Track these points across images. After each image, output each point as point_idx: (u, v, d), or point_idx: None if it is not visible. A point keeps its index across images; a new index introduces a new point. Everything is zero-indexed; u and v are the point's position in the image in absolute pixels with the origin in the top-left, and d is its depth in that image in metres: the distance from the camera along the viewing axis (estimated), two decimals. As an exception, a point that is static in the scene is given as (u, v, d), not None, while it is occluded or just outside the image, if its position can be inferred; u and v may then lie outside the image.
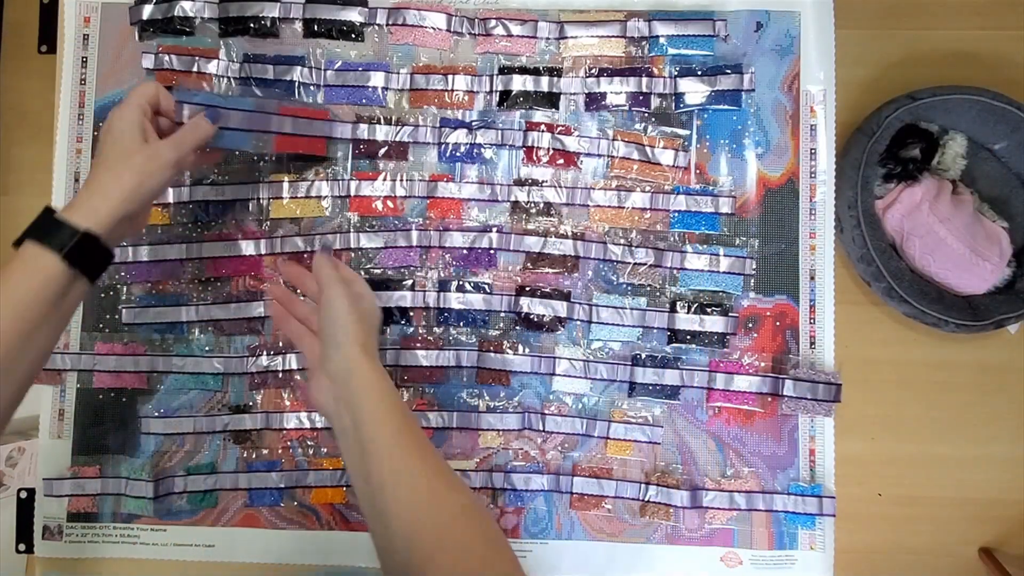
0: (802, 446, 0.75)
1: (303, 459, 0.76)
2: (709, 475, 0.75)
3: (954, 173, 0.76)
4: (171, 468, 0.75)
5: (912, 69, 0.78)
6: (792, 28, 0.77)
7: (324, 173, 0.76)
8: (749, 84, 0.76)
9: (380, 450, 0.50)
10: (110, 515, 0.75)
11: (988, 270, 0.73)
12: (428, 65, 0.77)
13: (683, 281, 0.76)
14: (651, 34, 0.77)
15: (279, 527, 0.75)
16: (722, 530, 0.74)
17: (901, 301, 0.71)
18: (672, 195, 0.75)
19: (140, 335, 0.76)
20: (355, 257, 0.76)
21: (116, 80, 0.78)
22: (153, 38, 0.78)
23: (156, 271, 0.76)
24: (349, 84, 0.77)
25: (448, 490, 0.49)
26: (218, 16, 0.77)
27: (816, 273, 0.76)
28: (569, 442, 0.75)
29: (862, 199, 0.72)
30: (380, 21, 0.77)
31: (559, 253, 0.76)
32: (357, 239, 0.76)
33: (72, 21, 0.78)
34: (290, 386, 0.76)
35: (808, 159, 0.76)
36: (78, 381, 0.76)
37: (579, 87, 0.76)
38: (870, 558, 0.76)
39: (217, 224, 0.77)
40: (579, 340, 0.76)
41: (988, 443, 0.76)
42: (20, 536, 0.76)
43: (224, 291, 0.76)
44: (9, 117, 0.82)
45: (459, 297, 0.75)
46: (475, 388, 0.76)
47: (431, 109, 0.77)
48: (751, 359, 0.75)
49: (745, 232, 0.76)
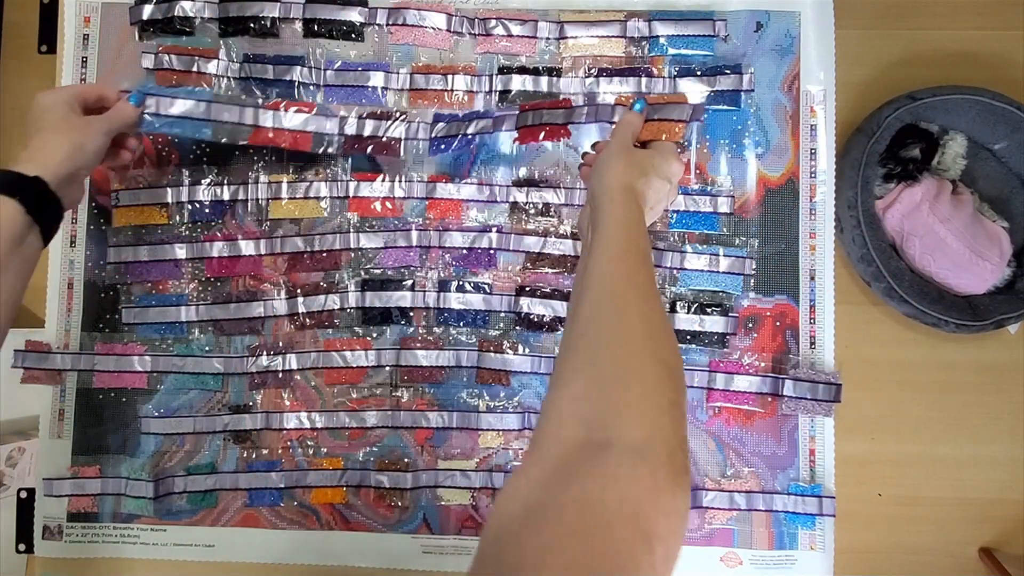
0: (802, 446, 0.75)
1: (303, 459, 0.76)
2: (709, 475, 0.75)
3: (954, 173, 0.76)
4: (171, 468, 0.76)
5: (912, 69, 0.78)
6: (792, 28, 0.77)
7: (323, 173, 0.76)
8: (748, 84, 0.76)
9: (597, 268, 0.52)
10: (110, 515, 0.75)
11: (988, 270, 0.73)
12: (428, 65, 0.77)
13: (683, 281, 0.75)
14: (651, 34, 0.77)
15: (279, 527, 0.75)
16: (722, 530, 0.74)
17: (901, 301, 0.71)
18: (672, 195, 0.75)
19: (140, 335, 0.76)
20: (355, 257, 0.76)
21: (116, 80, 0.78)
22: (153, 38, 0.78)
23: (156, 271, 0.76)
24: (349, 84, 0.77)
25: (639, 316, 0.48)
26: (218, 16, 0.77)
27: (816, 273, 0.76)
28: (569, 442, 0.75)
29: (862, 199, 0.72)
30: (380, 21, 0.77)
31: (559, 253, 0.76)
32: (357, 239, 0.76)
33: (72, 21, 0.78)
34: (290, 386, 0.76)
35: (808, 159, 0.76)
36: (78, 381, 0.76)
37: (579, 87, 0.76)
38: (870, 558, 0.76)
39: (217, 224, 0.77)
40: (579, 340, 0.76)
41: (988, 443, 0.76)
42: (20, 536, 0.76)
43: (224, 291, 0.76)
44: (9, 117, 0.82)
45: (459, 297, 0.75)
46: (475, 388, 0.76)
47: (431, 110, 0.77)
48: (751, 359, 0.75)
49: (745, 232, 0.76)
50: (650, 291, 0.51)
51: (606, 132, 0.73)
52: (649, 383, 0.43)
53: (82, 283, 0.77)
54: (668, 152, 0.64)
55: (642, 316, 0.47)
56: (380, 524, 0.75)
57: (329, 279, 0.76)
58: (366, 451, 0.76)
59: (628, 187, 0.58)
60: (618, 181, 0.58)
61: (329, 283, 0.76)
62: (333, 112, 0.73)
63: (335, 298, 0.75)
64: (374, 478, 0.75)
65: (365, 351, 0.76)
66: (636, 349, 0.45)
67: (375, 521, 0.75)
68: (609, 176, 0.59)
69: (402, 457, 0.76)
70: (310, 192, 0.76)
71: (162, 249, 0.76)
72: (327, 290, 0.76)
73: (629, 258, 0.52)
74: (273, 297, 0.76)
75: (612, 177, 0.59)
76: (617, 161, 0.60)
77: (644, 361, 0.44)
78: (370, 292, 0.76)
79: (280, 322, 0.76)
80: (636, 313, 0.47)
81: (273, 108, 0.71)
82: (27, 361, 0.75)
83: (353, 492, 0.75)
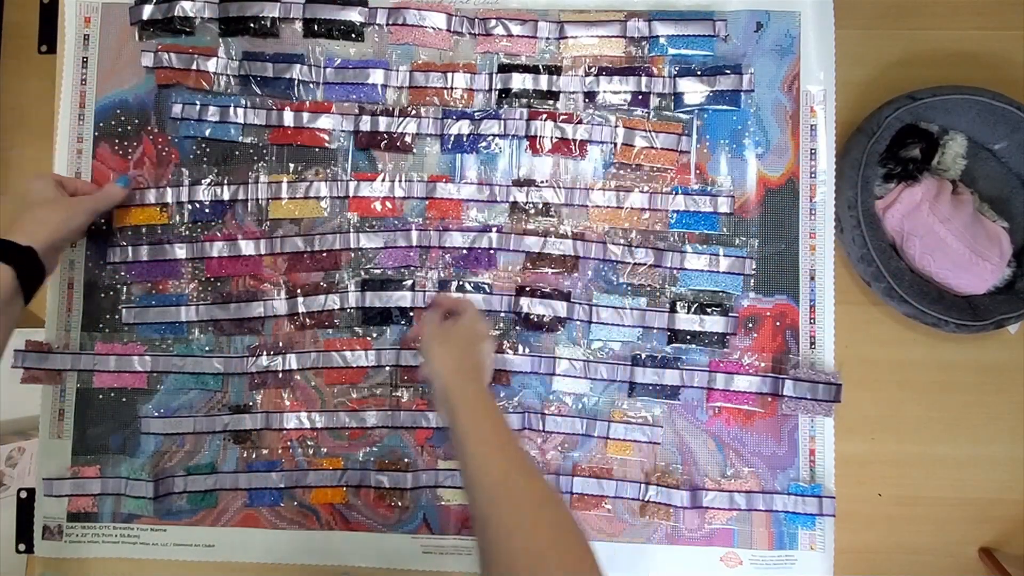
0: (802, 446, 0.75)
1: (303, 459, 0.76)
2: (709, 475, 0.75)
3: (954, 173, 0.76)
4: (171, 468, 0.75)
5: (912, 69, 0.78)
6: (792, 28, 0.77)
7: (324, 173, 0.76)
8: (748, 84, 0.76)
9: (467, 446, 0.58)
10: (110, 515, 0.75)
11: (988, 270, 0.73)
12: (428, 63, 0.77)
13: (683, 281, 0.75)
14: (651, 34, 0.76)
15: (279, 527, 0.75)
16: (722, 530, 0.74)
17: (901, 301, 0.71)
18: (671, 195, 0.75)
19: (140, 335, 0.76)
20: (355, 257, 0.76)
21: (117, 80, 0.78)
22: (153, 38, 0.78)
23: (156, 271, 0.76)
24: (348, 82, 0.77)
25: (523, 478, 0.55)
26: (218, 16, 0.77)
27: (816, 273, 0.76)
28: (569, 442, 0.75)
29: (862, 199, 0.72)
30: (380, 21, 0.77)
31: (559, 253, 0.76)
32: (357, 239, 0.76)
33: (72, 21, 0.78)
34: (290, 386, 0.76)
35: (808, 159, 0.76)
36: (78, 381, 0.76)
37: (578, 85, 0.76)
38: (870, 558, 0.76)
39: (217, 224, 0.77)
40: (579, 340, 0.76)
41: (988, 443, 0.76)
42: (20, 536, 0.76)
43: (224, 291, 0.76)
44: (9, 117, 0.82)
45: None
46: (475, 388, 0.76)
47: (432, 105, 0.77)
48: (751, 359, 0.75)
49: (745, 232, 0.76)
50: (524, 464, 0.57)
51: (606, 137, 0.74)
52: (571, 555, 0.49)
53: (82, 283, 0.77)
54: (473, 315, 0.69)
55: (533, 502, 0.53)
56: (380, 524, 0.75)
57: (329, 279, 0.76)
58: (366, 451, 0.76)
59: (457, 369, 0.63)
60: (447, 370, 0.63)
61: (329, 283, 0.76)
62: (349, 111, 0.76)
63: (335, 298, 0.75)
64: (374, 478, 0.75)
65: (365, 351, 0.76)
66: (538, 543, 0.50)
67: (375, 521, 0.75)
68: (437, 366, 0.63)
69: (402, 457, 0.76)
70: (310, 192, 0.76)
71: (162, 249, 0.76)
72: (327, 290, 0.76)
73: (502, 448, 0.57)
74: (273, 297, 0.76)
75: (440, 366, 0.63)
76: (437, 349, 0.65)
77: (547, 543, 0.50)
78: (370, 292, 0.76)
79: (280, 322, 0.76)
80: (528, 503, 0.53)
81: (296, 109, 0.76)
82: (27, 361, 0.75)
83: (353, 492, 0.75)
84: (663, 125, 0.76)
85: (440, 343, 0.65)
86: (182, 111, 0.76)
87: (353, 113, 0.76)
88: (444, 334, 0.67)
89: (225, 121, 0.76)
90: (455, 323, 0.68)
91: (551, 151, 0.76)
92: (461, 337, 0.67)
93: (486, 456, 0.56)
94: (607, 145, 0.76)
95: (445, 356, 0.64)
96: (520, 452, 0.59)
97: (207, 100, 0.77)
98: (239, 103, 0.76)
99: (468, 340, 0.67)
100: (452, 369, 0.63)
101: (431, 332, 0.67)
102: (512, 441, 0.59)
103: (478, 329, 0.68)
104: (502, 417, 0.61)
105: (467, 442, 0.57)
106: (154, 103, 0.78)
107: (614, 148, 0.76)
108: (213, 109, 0.76)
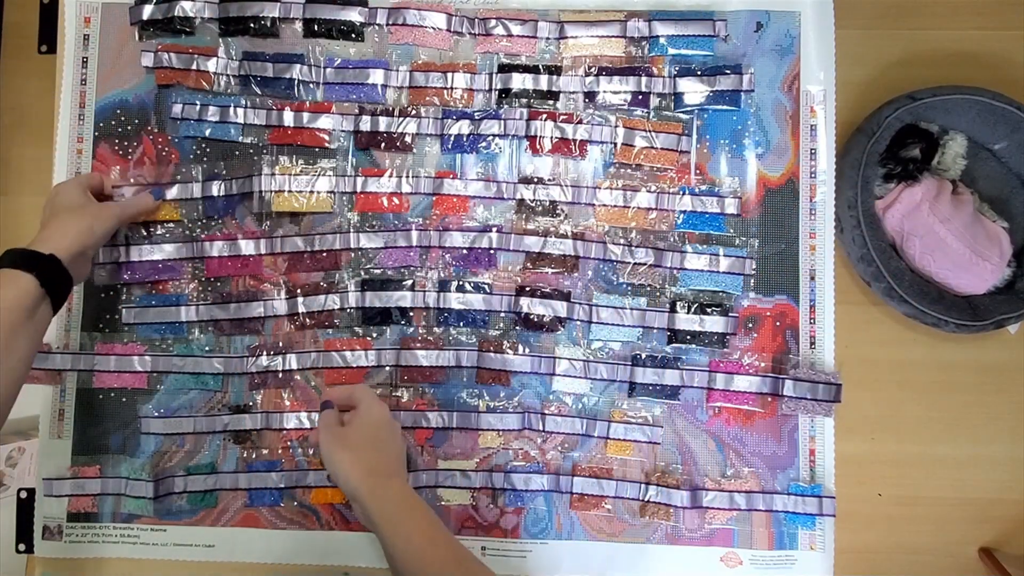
0: (802, 446, 0.75)
1: (303, 459, 0.76)
2: (709, 475, 0.75)
3: (954, 173, 0.76)
4: (171, 468, 0.75)
5: (912, 69, 0.78)
6: (792, 28, 0.77)
7: (330, 169, 0.76)
8: (748, 84, 0.76)
9: (395, 549, 0.59)
10: (110, 515, 0.75)
11: (988, 270, 0.73)
12: (428, 63, 0.77)
13: (683, 281, 0.76)
14: (651, 34, 0.77)
15: (279, 527, 0.75)
16: (722, 530, 0.74)
17: (901, 301, 0.71)
18: (678, 196, 0.75)
19: (140, 335, 0.76)
20: (355, 257, 0.76)
21: (117, 80, 0.78)
22: (153, 38, 0.78)
23: (156, 271, 0.76)
24: (348, 81, 0.77)
25: (459, 571, 0.58)
26: (218, 16, 0.77)
27: (816, 273, 0.76)
28: (569, 442, 0.75)
29: (862, 199, 0.72)
30: (380, 21, 0.77)
31: (559, 253, 0.76)
32: (357, 239, 0.76)
33: (72, 21, 0.78)
34: (290, 386, 0.76)
35: (808, 159, 0.76)
36: (78, 381, 0.76)
37: (578, 85, 0.76)
38: (870, 558, 0.76)
39: (217, 223, 0.77)
40: (579, 340, 0.76)
41: (988, 443, 0.76)
42: (20, 536, 0.76)
43: (224, 291, 0.76)
44: (9, 117, 0.82)
45: (459, 297, 0.75)
46: (475, 388, 0.76)
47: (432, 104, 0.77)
48: (751, 359, 0.75)
49: (745, 232, 0.76)
50: (458, 555, 0.59)
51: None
52: None
53: (82, 283, 0.77)
54: (369, 403, 0.66)
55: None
56: (380, 524, 0.75)
57: (329, 279, 0.76)
58: (366, 451, 0.76)
59: (370, 471, 0.61)
60: (358, 474, 0.61)
61: (329, 283, 0.76)
62: (349, 111, 0.76)
63: (335, 298, 0.75)
64: (374, 478, 0.75)
65: (365, 351, 0.76)
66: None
67: (375, 521, 0.75)
68: (344, 475, 0.61)
69: (402, 457, 0.76)
70: (316, 187, 0.76)
71: (162, 249, 0.76)
72: (327, 290, 0.76)
73: (434, 544, 0.59)
74: (273, 297, 0.76)
75: (349, 472, 0.61)
76: (340, 454, 0.62)
77: None
78: (370, 292, 0.76)
79: (280, 322, 0.76)
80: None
81: (296, 109, 0.76)
82: (27, 361, 0.75)
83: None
84: (663, 125, 0.76)
85: (342, 447, 0.62)
86: (182, 111, 0.76)
87: (353, 113, 0.77)
88: (344, 437, 0.63)
89: (225, 121, 0.77)
90: (353, 420, 0.65)
91: (551, 151, 0.76)
92: (363, 435, 0.64)
93: (419, 554, 0.57)
94: (607, 145, 0.76)
95: (353, 460, 0.61)
96: (451, 544, 0.59)
97: (207, 100, 0.77)
98: (239, 103, 0.77)
99: (372, 435, 0.64)
100: (363, 472, 0.61)
101: (330, 437, 0.63)
102: (441, 532, 0.60)
103: (378, 418, 0.65)
104: (428, 510, 0.61)
105: (395, 543, 0.58)
106: (154, 103, 0.78)
107: (614, 148, 0.76)
108: (213, 109, 0.76)
